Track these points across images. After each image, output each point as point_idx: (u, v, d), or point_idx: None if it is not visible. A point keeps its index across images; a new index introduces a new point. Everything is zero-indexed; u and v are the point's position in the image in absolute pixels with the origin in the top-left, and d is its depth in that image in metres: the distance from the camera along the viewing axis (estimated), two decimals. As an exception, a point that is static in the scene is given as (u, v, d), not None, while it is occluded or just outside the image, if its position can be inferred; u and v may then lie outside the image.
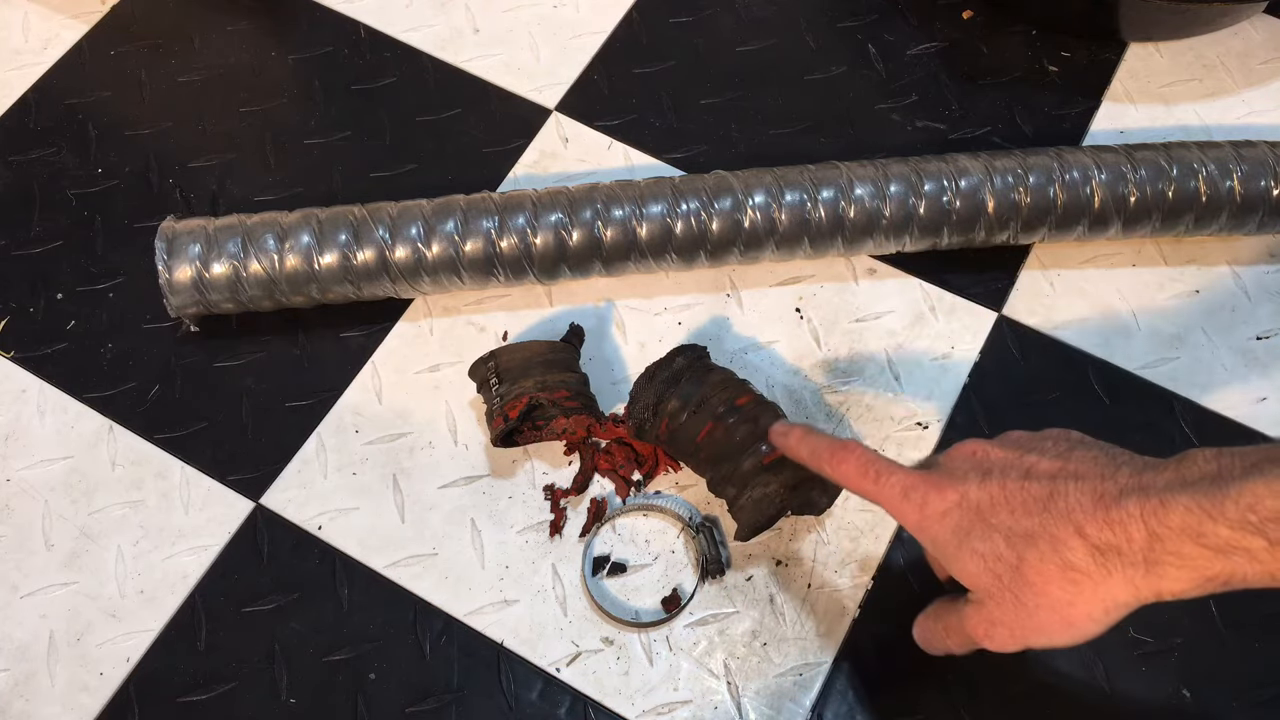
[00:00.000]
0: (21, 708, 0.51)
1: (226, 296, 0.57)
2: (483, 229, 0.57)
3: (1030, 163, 0.58)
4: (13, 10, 0.73)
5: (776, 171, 0.59)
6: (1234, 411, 0.58)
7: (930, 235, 0.59)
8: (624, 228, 0.57)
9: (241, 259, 0.56)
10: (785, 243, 0.59)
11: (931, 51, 0.70)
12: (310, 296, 0.58)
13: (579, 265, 0.58)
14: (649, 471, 0.56)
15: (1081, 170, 0.58)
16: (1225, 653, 0.52)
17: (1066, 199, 0.58)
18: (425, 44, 0.71)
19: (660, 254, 0.58)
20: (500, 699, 0.51)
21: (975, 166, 0.59)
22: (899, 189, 0.58)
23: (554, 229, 0.57)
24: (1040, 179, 0.58)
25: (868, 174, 0.58)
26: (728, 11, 0.72)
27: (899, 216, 0.58)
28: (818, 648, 0.52)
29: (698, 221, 0.57)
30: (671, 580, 0.54)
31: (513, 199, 0.58)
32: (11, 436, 0.58)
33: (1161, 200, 0.58)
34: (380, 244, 0.56)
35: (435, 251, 0.57)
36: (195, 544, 0.55)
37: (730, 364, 0.58)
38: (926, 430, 0.57)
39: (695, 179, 0.59)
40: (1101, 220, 0.59)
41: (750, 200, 0.58)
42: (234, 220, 0.57)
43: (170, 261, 0.56)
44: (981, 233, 0.59)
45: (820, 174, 0.59)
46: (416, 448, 0.57)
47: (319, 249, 0.56)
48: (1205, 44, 0.70)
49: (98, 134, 0.68)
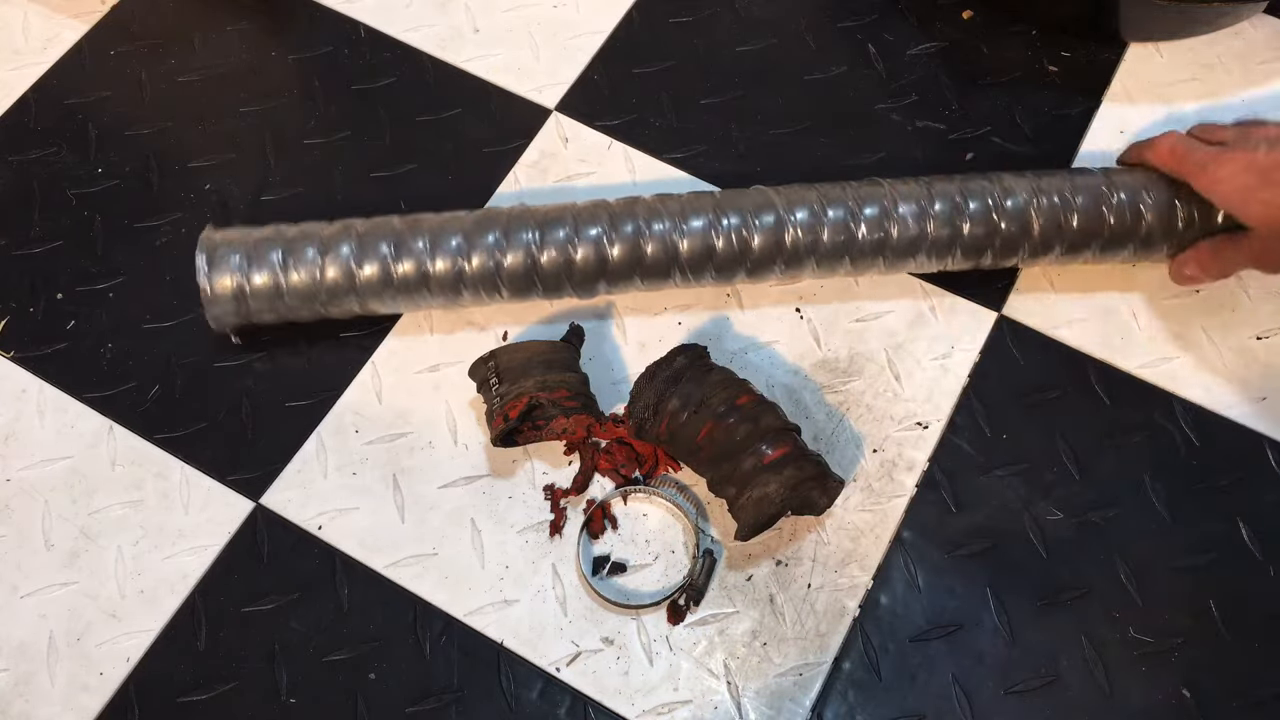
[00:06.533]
0: (21, 708, 0.51)
1: (266, 307, 0.56)
2: (523, 241, 0.56)
3: (1077, 184, 0.57)
4: (13, 10, 0.73)
5: (820, 189, 0.58)
6: (1234, 411, 0.58)
7: (973, 256, 0.58)
8: (664, 242, 0.56)
9: (282, 269, 0.55)
10: (826, 260, 0.57)
11: (931, 51, 0.70)
12: (348, 309, 0.57)
13: (617, 280, 0.57)
14: (649, 471, 0.56)
15: (1130, 192, 0.57)
16: (1225, 653, 0.52)
17: (1114, 221, 0.57)
18: (425, 44, 0.71)
19: (700, 270, 0.57)
20: (500, 699, 0.51)
21: (1020, 186, 0.57)
22: (943, 207, 0.57)
23: (594, 242, 0.56)
24: (1088, 200, 0.57)
25: (912, 193, 0.57)
26: (728, 11, 0.72)
27: (943, 236, 0.57)
28: (818, 648, 0.52)
29: (739, 238, 0.56)
30: (671, 580, 0.54)
31: (552, 213, 0.57)
32: (11, 436, 0.58)
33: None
34: (419, 255, 0.56)
35: (475, 264, 0.56)
36: (195, 544, 0.55)
37: (730, 364, 0.58)
38: (927, 430, 0.57)
39: (738, 194, 0.58)
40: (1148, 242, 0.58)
41: (792, 217, 0.56)
42: (271, 231, 0.57)
43: (211, 273, 0.55)
44: (1025, 253, 0.58)
45: (863, 191, 0.57)
46: (416, 448, 0.57)
47: (358, 260, 0.56)
48: (1205, 44, 0.70)
49: (98, 134, 0.68)
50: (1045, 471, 0.56)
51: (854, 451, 0.57)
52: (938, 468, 0.56)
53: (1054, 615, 0.53)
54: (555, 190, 0.65)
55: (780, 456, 0.50)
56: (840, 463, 0.56)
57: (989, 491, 0.56)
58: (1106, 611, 0.53)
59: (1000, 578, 0.54)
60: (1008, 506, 0.55)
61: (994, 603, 0.53)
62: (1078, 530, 0.55)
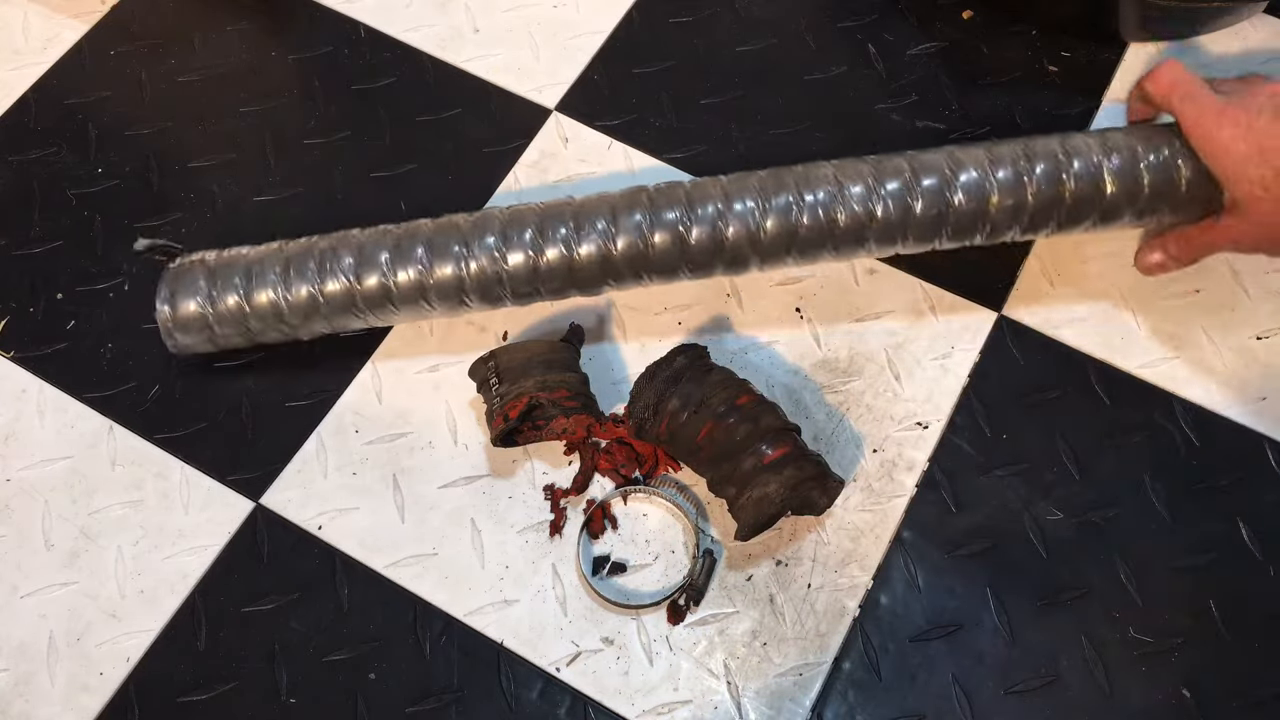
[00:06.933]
0: (21, 708, 0.51)
1: (235, 331, 0.56)
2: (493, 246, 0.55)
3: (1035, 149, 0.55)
4: (13, 10, 0.73)
5: (836, 165, 0.56)
6: (1234, 411, 0.58)
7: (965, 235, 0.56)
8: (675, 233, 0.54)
9: (246, 293, 0.55)
10: (843, 244, 0.55)
11: (931, 51, 0.70)
12: (320, 328, 0.57)
13: (622, 276, 0.56)
14: (649, 471, 0.56)
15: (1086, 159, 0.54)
16: (1225, 653, 0.52)
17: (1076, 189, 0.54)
18: (425, 44, 0.71)
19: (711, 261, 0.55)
20: (500, 699, 0.51)
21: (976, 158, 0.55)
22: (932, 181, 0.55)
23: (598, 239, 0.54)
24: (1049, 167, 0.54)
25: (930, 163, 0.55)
26: (728, 11, 0.72)
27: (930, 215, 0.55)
28: (818, 648, 0.52)
29: (753, 222, 0.54)
30: (671, 580, 0.54)
31: (516, 217, 0.56)
32: (11, 436, 0.58)
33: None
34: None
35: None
36: (195, 544, 0.55)
37: (730, 364, 0.58)
38: (927, 430, 0.57)
39: (745, 176, 0.56)
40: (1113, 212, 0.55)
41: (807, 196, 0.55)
42: (236, 255, 0.56)
43: (175, 301, 0.55)
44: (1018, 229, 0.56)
45: (883, 165, 0.56)
46: (416, 448, 0.57)
47: (322, 279, 0.55)
48: (1205, 44, 0.70)
49: (98, 134, 0.68)
50: (1045, 471, 0.56)
51: (854, 451, 0.57)
52: (938, 468, 0.56)
53: (1054, 615, 0.53)
54: (555, 190, 0.65)
55: (780, 456, 0.50)
56: (840, 463, 0.56)
57: (989, 491, 0.56)
58: (1106, 611, 0.53)
59: (1000, 578, 0.54)
60: (1008, 506, 0.55)
61: (994, 603, 0.53)
62: (1078, 530, 0.55)
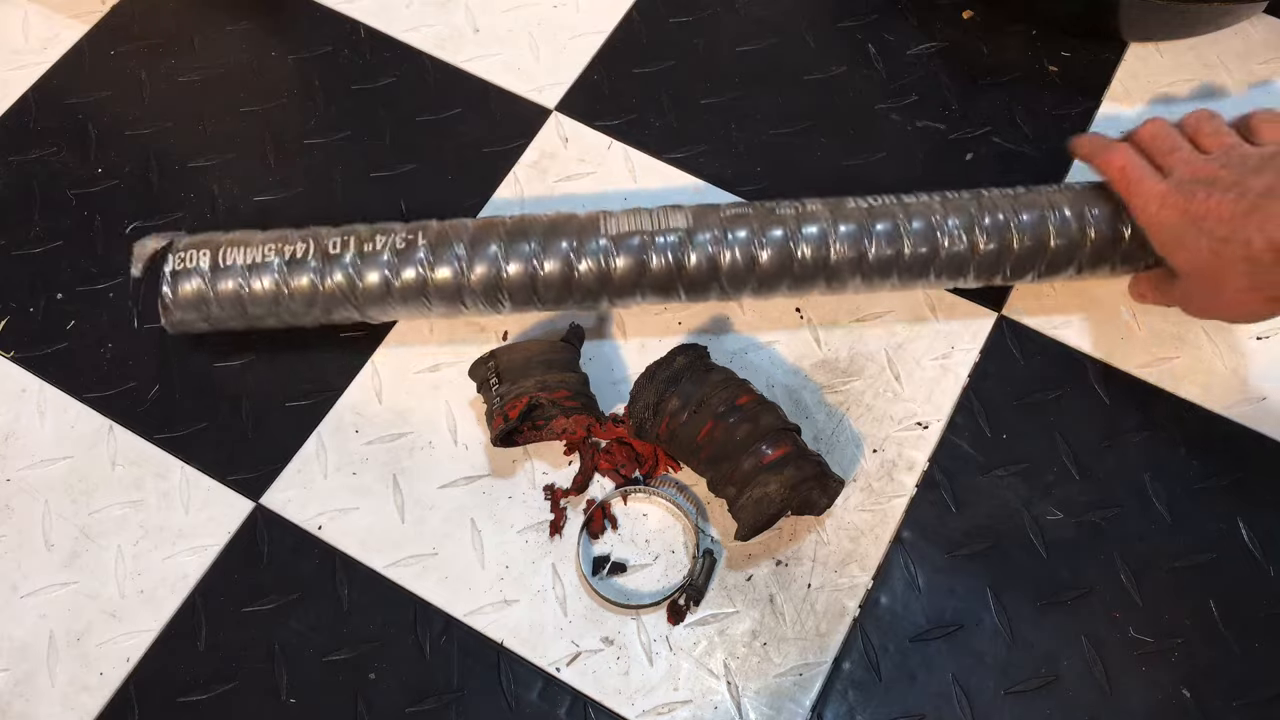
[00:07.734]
0: (21, 708, 0.51)
1: (232, 314, 0.56)
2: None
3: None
4: (13, 10, 0.73)
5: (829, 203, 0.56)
6: (1234, 411, 0.58)
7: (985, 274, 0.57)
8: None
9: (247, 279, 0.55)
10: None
11: (931, 51, 0.70)
12: (314, 317, 0.57)
13: (621, 294, 0.56)
14: (649, 471, 0.56)
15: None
16: (1225, 653, 0.52)
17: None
18: (425, 44, 0.71)
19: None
20: (500, 699, 0.51)
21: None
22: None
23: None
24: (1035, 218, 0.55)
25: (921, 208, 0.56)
26: (728, 11, 0.72)
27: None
28: (818, 648, 0.52)
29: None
30: (671, 580, 0.54)
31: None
32: (11, 436, 0.58)
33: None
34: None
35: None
36: (195, 544, 0.55)
37: (730, 364, 0.58)
38: (927, 430, 0.57)
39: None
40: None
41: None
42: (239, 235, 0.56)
43: (175, 283, 0.55)
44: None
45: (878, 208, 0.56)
46: (416, 448, 0.57)
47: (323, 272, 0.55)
48: (1205, 44, 0.70)
49: (98, 134, 0.68)
50: (1045, 471, 0.56)
51: (854, 451, 0.57)
52: (938, 468, 0.56)
53: (1054, 615, 0.53)
54: (555, 192, 0.65)
55: (780, 456, 0.50)
56: (840, 463, 0.56)
57: (989, 491, 0.56)
58: (1106, 611, 0.53)
59: (1000, 578, 0.54)
60: (1008, 506, 0.55)
61: (994, 603, 0.53)
62: (1078, 530, 0.55)
